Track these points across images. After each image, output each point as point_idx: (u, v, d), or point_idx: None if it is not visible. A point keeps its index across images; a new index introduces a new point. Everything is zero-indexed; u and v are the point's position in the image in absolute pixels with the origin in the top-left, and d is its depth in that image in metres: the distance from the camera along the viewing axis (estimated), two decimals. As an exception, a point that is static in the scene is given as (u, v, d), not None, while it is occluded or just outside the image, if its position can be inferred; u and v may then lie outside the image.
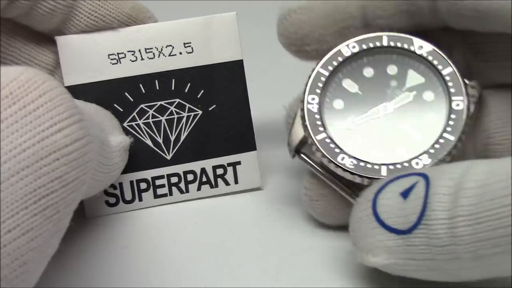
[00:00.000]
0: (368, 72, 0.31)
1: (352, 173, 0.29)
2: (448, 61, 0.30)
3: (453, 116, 0.29)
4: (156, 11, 0.35)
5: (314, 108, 0.30)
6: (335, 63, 0.30)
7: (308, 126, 0.30)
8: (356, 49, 0.30)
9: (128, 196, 0.34)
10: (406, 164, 0.29)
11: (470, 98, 0.29)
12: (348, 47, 0.30)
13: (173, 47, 0.34)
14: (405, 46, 0.30)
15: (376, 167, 0.29)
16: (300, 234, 0.32)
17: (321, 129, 0.30)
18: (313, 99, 0.30)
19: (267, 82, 0.35)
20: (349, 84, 0.31)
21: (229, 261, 0.30)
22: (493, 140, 0.31)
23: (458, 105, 0.29)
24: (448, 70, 0.29)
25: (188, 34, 0.34)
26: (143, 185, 0.34)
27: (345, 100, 0.30)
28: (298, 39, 0.31)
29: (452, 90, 0.29)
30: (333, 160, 0.29)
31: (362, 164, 0.29)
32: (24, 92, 0.21)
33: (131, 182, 0.34)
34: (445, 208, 0.23)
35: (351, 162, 0.29)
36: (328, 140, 0.30)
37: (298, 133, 0.31)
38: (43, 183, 0.20)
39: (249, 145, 0.35)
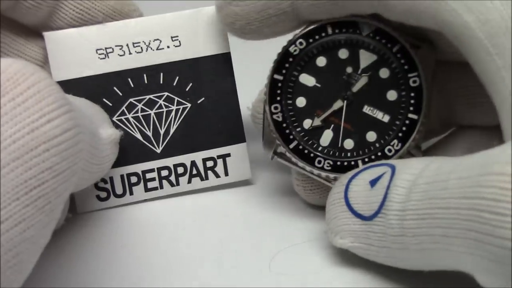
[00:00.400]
0: (321, 61, 0.30)
1: (332, 173, 0.30)
2: (396, 37, 0.29)
3: (412, 94, 0.29)
4: (143, 5, 0.35)
5: (280, 117, 0.30)
6: (287, 65, 0.30)
7: (279, 139, 0.30)
8: (304, 45, 0.30)
9: (119, 190, 0.34)
10: (379, 154, 0.29)
11: (425, 71, 0.29)
12: (295, 45, 0.30)
13: (160, 41, 0.34)
14: (350, 30, 0.30)
15: (353, 162, 0.29)
16: (293, 224, 0.32)
17: (291, 137, 0.30)
18: (276, 108, 0.30)
19: (254, 74, 0.35)
20: (305, 79, 0.30)
21: (225, 257, 0.30)
22: (458, 111, 0.32)
23: (415, 82, 0.29)
24: (397, 46, 0.29)
25: (175, 27, 0.34)
26: (133, 179, 0.34)
27: (306, 96, 0.30)
28: (237, 29, 0.31)
29: (405, 66, 0.29)
30: (311, 166, 0.30)
31: (339, 163, 0.30)
32: (13, 84, 0.21)
33: (122, 176, 0.34)
34: (400, 200, 0.24)
35: (328, 163, 0.30)
36: (301, 147, 0.30)
37: (271, 140, 0.31)
38: (34, 174, 0.20)
39: (238, 137, 0.35)
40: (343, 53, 0.30)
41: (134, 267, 0.29)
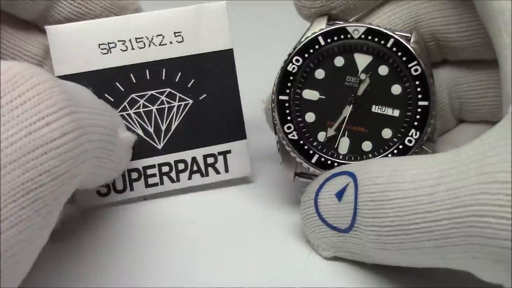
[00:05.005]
0: (319, 73, 0.31)
1: None
2: (388, 32, 0.30)
3: (417, 82, 0.29)
4: (146, 1, 0.35)
5: (295, 135, 0.31)
6: (289, 84, 0.31)
7: (300, 157, 0.30)
8: (300, 61, 0.31)
9: (119, 185, 0.34)
10: (401, 147, 0.30)
11: (422, 58, 0.29)
12: (292, 63, 0.31)
13: (163, 37, 0.34)
14: (342, 36, 0.30)
15: None
16: (294, 222, 0.32)
17: (311, 152, 0.30)
18: (289, 127, 0.31)
19: (257, 71, 0.35)
20: (309, 94, 0.31)
21: (225, 256, 0.30)
22: (466, 107, 0.33)
23: (416, 70, 0.29)
24: (391, 41, 0.30)
25: (178, 23, 0.34)
26: (134, 175, 0.34)
27: (314, 111, 0.31)
28: None
29: (404, 58, 0.30)
30: None
31: None
32: (11, 86, 0.21)
33: (123, 171, 0.34)
34: (373, 215, 0.25)
35: None
36: (323, 159, 0.30)
37: (292, 161, 0.31)
38: (31, 176, 0.20)
39: (239, 134, 0.35)
40: (339, 61, 0.31)
41: (134, 266, 0.29)
